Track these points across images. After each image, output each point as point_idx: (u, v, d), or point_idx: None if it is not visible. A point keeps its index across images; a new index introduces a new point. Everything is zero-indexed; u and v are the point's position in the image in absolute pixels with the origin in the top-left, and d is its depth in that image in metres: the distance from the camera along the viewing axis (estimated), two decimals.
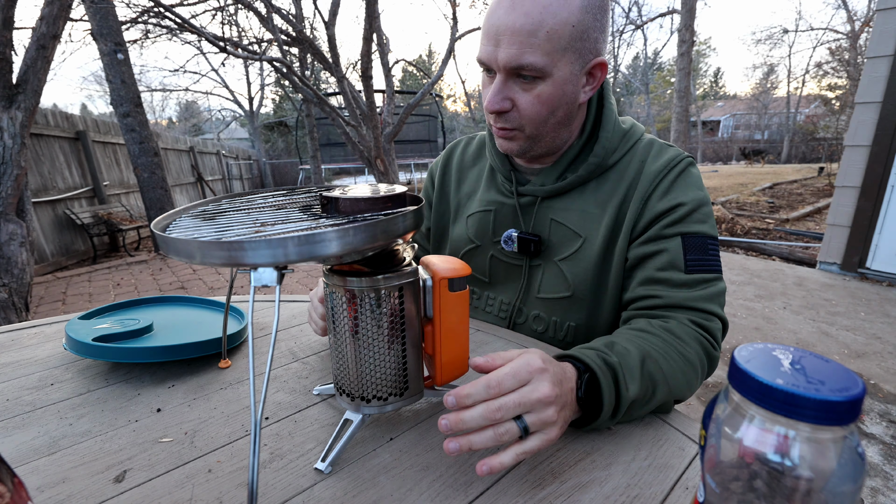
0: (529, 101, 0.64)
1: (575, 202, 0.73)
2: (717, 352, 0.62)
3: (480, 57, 0.65)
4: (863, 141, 3.45)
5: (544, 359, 0.44)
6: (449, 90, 33.57)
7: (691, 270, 0.64)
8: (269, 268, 0.36)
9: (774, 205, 7.28)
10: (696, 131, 24.07)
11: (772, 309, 2.97)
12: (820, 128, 19.36)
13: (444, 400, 0.41)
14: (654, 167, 0.69)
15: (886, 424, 1.76)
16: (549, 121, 0.67)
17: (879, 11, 3.30)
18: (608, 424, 0.51)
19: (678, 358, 0.56)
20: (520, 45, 0.59)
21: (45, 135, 5.20)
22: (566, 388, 0.45)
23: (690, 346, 0.58)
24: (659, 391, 0.53)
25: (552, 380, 0.42)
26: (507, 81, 0.64)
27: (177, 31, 6.47)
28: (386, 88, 6.00)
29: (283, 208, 0.51)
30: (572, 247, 0.73)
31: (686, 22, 7.39)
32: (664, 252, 0.65)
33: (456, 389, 0.41)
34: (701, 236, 0.65)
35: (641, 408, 0.53)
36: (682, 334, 0.59)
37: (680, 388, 0.56)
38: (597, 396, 0.48)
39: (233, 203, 0.54)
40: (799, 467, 0.23)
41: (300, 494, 0.43)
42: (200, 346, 0.68)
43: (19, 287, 2.86)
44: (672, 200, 0.66)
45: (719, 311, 0.63)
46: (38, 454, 0.49)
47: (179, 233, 0.43)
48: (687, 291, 0.63)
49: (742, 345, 0.26)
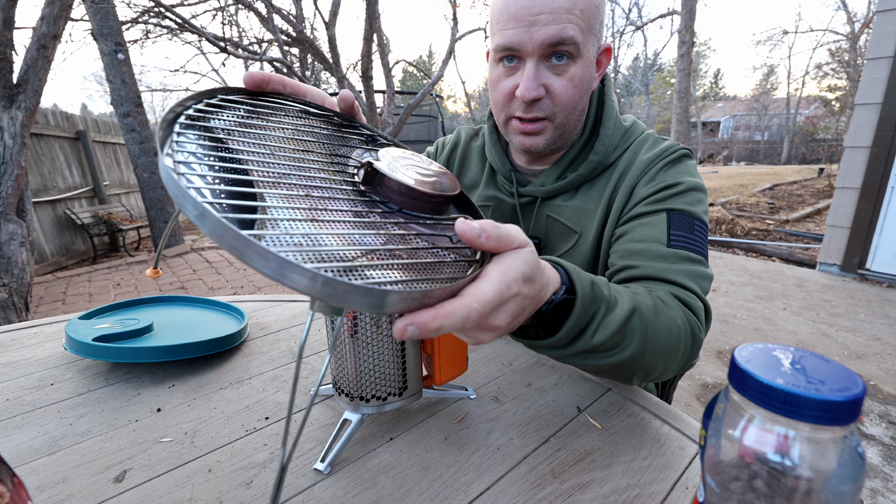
0: (564, 85, 0.62)
1: (571, 199, 0.73)
2: (701, 333, 0.54)
3: (506, 42, 0.62)
4: (863, 142, 3.45)
5: (526, 279, 0.34)
6: (449, 90, 33.62)
7: (674, 245, 0.58)
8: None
9: (774, 206, 7.28)
10: (696, 132, 24.08)
11: (772, 310, 2.97)
12: (820, 129, 19.36)
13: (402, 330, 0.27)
14: (645, 157, 0.68)
15: (886, 426, 1.76)
16: (577, 107, 0.66)
17: (879, 13, 3.31)
18: (551, 353, 0.44)
19: (664, 322, 0.49)
20: (559, 21, 0.58)
21: (45, 135, 5.20)
22: (527, 312, 0.37)
23: (677, 313, 0.51)
24: (630, 349, 0.46)
25: (514, 310, 0.34)
26: (540, 67, 0.62)
27: (177, 32, 6.47)
28: (386, 89, 6.00)
29: (334, 198, 0.35)
30: (569, 242, 0.73)
31: (686, 23, 7.40)
32: (646, 225, 0.61)
33: (430, 317, 0.28)
34: (688, 215, 0.61)
35: (603, 358, 0.46)
36: (668, 301, 0.53)
37: (658, 356, 0.49)
38: (558, 322, 0.42)
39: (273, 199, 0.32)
40: (799, 467, 0.23)
41: (300, 494, 0.43)
42: (200, 346, 0.68)
43: (19, 287, 2.86)
44: (659, 184, 0.64)
45: (700, 292, 0.57)
46: (38, 454, 0.49)
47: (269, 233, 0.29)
48: (667, 264, 0.57)
49: (742, 345, 0.26)
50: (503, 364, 0.66)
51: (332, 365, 0.51)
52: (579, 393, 0.59)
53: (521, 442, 0.50)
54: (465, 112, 29.94)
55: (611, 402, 0.57)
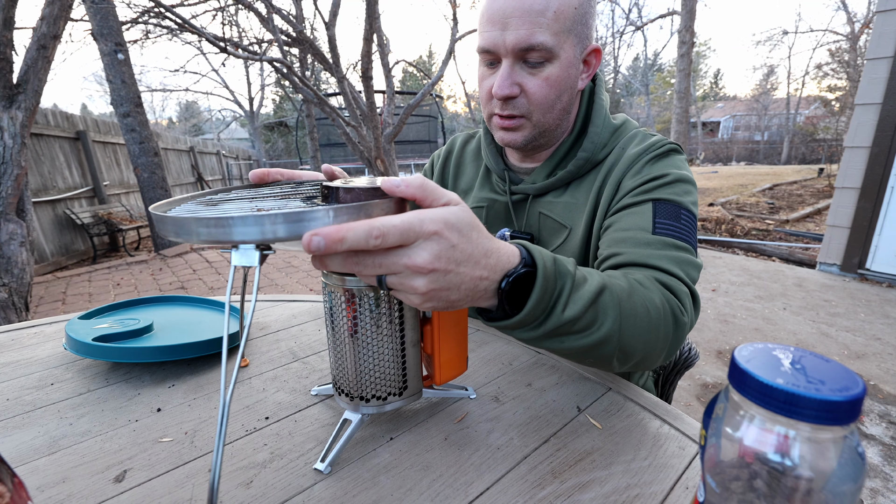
0: (538, 85, 0.64)
1: (561, 195, 0.74)
2: (685, 317, 0.52)
3: (484, 44, 0.64)
4: (862, 142, 3.45)
5: (448, 224, 0.34)
6: (449, 91, 33.62)
7: (659, 233, 0.58)
8: (251, 247, 0.35)
9: (774, 206, 7.28)
10: (696, 132, 24.09)
11: (772, 310, 2.97)
12: (820, 129, 19.37)
13: (308, 241, 0.31)
14: (633, 151, 0.68)
15: (886, 425, 1.76)
16: (555, 106, 0.67)
17: (879, 13, 3.31)
18: (526, 336, 0.43)
19: (640, 302, 0.48)
20: (530, 25, 0.59)
21: (45, 135, 5.21)
22: (472, 271, 0.37)
23: (654, 294, 0.51)
24: (605, 327, 0.45)
25: (438, 251, 0.34)
26: (514, 66, 0.63)
27: (177, 32, 6.46)
28: (386, 89, 6.00)
29: (287, 198, 0.51)
30: (559, 238, 0.73)
31: (686, 23, 7.40)
32: (632, 215, 0.62)
33: (333, 229, 0.31)
34: (675, 204, 0.61)
35: (579, 339, 0.45)
36: (645, 283, 0.52)
37: (636, 336, 0.48)
38: (522, 296, 0.41)
39: (241, 193, 0.55)
40: (799, 467, 0.23)
41: (300, 494, 0.43)
42: (200, 346, 0.68)
43: (19, 287, 2.86)
44: (645, 176, 0.64)
45: (685, 277, 0.56)
46: (38, 454, 0.49)
47: (171, 212, 0.43)
48: (651, 250, 0.57)
49: (742, 345, 0.26)
50: (503, 364, 0.66)
51: (332, 365, 0.51)
52: (579, 393, 0.59)
53: (521, 442, 0.50)
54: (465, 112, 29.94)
55: (611, 401, 0.57)
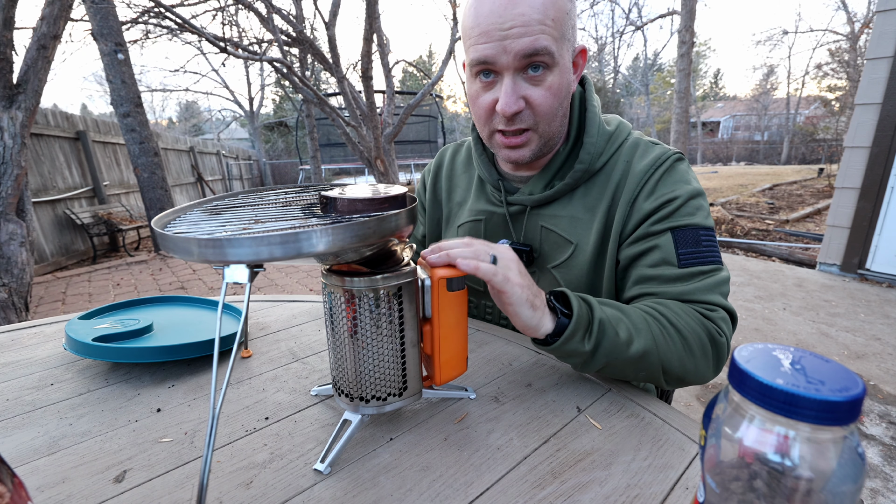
0: (543, 95, 0.63)
1: (564, 209, 0.72)
2: (724, 338, 0.59)
3: (481, 57, 0.61)
4: (862, 142, 3.45)
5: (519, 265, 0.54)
6: (449, 91, 33.62)
7: (685, 265, 0.62)
8: (241, 265, 0.36)
9: (774, 206, 7.28)
10: (696, 132, 24.08)
11: (771, 310, 2.97)
12: (820, 129, 19.37)
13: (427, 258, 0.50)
14: (639, 167, 0.67)
15: (886, 426, 1.76)
16: (558, 113, 0.66)
17: (879, 13, 3.31)
18: (580, 348, 0.53)
19: (668, 324, 0.57)
20: (532, 33, 0.58)
21: (45, 135, 5.20)
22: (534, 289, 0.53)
23: (684, 318, 0.58)
24: (640, 341, 0.55)
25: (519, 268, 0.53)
26: (517, 79, 0.62)
27: (177, 32, 6.46)
28: (386, 89, 6.00)
29: (287, 206, 0.51)
30: (564, 253, 0.72)
31: (686, 23, 7.39)
32: (655, 249, 0.64)
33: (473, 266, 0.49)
34: (692, 228, 0.63)
35: (619, 351, 0.54)
36: (676, 309, 0.59)
37: (671, 353, 0.56)
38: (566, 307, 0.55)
39: (245, 199, 0.55)
40: (799, 467, 0.23)
41: (300, 494, 0.43)
42: (200, 346, 0.68)
43: (19, 287, 2.86)
44: (659, 198, 0.65)
45: (720, 300, 0.61)
46: (38, 454, 0.49)
47: (176, 228, 0.43)
48: (682, 285, 0.61)
49: (742, 345, 0.26)
50: (503, 364, 0.66)
51: (332, 365, 0.51)
52: (579, 393, 0.59)
53: (521, 442, 0.50)
54: (465, 112, 29.94)
55: (611, 402, 0.57)
